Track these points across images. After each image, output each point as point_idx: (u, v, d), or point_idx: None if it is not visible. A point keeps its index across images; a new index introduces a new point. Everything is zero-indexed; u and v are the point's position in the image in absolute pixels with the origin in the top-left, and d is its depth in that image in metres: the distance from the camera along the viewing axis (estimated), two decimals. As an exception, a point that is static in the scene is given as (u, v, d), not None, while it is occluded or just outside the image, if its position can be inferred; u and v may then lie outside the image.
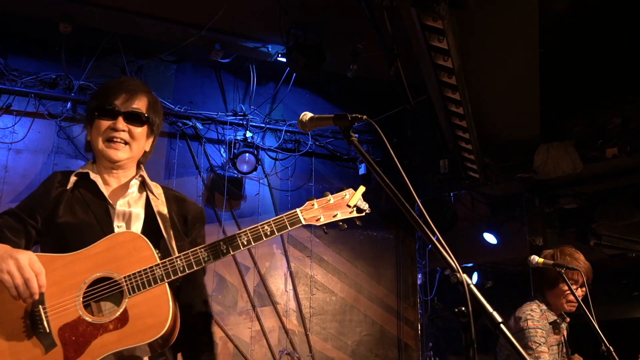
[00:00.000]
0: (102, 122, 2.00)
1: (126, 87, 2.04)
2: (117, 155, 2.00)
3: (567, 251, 3.26)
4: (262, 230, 1.90)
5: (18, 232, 1.89)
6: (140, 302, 1.80)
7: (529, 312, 3.19)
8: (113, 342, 1.76)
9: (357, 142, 1.62)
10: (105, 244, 1.85)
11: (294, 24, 5.00)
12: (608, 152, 5.13)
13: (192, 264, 1.84)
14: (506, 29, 4.06)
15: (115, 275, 1.81)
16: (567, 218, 6.69)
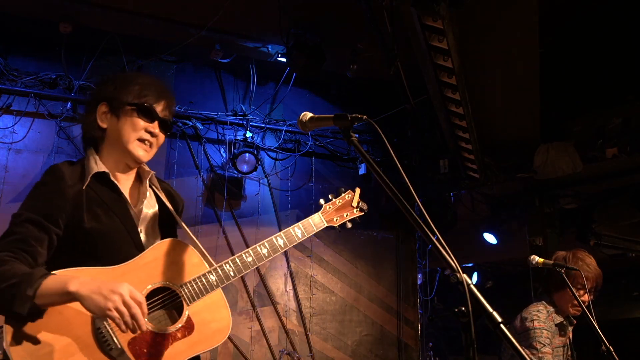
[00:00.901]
0: (139, 121, 1.93)
1: (166, 94, 2.01)
2: (145, 157, 1.96)
3: (579, 255, 3.24)
4: (294, 233, 2.09)
5: (43, 243, 1.74)
6: (201, 309, 1.83)
7: (535, 312, 3.17)
8: (184, 350, 1.77)
9: (357, 142, 1.62)
10: (153, 254, 1.83)
11: (294, 24, 5.00)
12: (608, 152, 5.13)
13: (240, 269, 1.92)
14: (506, 29, 4.06)
15: (172, 285, 1.81)
16: (567, 218, 6.69)
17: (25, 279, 1.60)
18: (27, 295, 1.57)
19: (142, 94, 1.94)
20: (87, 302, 1.59)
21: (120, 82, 1.97)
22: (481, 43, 4.24)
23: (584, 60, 5.16)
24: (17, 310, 1.56)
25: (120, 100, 1.92)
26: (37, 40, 5.26)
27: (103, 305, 1.57)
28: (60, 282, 1.61)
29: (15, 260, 1.66)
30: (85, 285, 1.60)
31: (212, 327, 1.83)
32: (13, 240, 1.70)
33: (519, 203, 6.65)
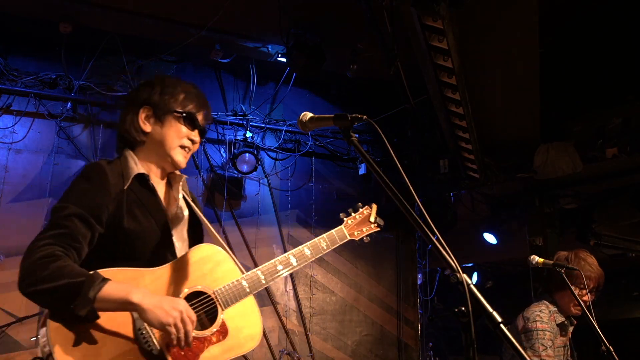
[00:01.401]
0: (183, 128, 1.97)
1: (206, 104, 2.06)
2: (183, 163, 2.00)
3: (581, 255, 3.24)
4: (320, 245, 2.13)
5: (87, 240, 1.74)
6: (235, 315, 1.87)
7: (537, 312, 3.15)
8: (219, 354, 1.80)
9: (357, 142, 1.62)
10: (190, 258, 1.86)
11: (294, 24, 5.00)
12: (608, 152, 5.13)
13: (271, 275, 1.96)
14: (506, 29, 4.06)
15: (208, 290, 1.84)
16: (567, 218, 6.69)
17: (88, 280, 1.59)
18: (89, 297, 1.57)
19: (186, 102, 1.99)
20: (147, 314, 1.62)
21: (164, 88, 1.99)
22: (481, 43, 4.24)
23: (584, 60, 5.16)
24: (77, 310, 1.56)
25: (166, 107, 1.96)
26: (37, 40, 5.27)
27: (164, 320, 1.62)
28: (121, 290, 1.63)
29: (66, 256, 1.65)
30: (147, 298, 1.63)
31: (244, 332, 1.88)
32: (62, 234, 1.70)
33: (519, 203, 6.65)
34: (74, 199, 1.76)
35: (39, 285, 1.58)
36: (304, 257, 2.06)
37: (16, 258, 4.72)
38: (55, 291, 1.57)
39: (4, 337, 4.47)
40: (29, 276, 1.60)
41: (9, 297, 4.60)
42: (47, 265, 1.59)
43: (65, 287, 1.57)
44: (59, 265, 1.61)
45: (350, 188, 6.34)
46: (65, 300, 1.56)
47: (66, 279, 1.58)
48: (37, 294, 1.59)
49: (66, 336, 1.59)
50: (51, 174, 5.04)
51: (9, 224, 4.79)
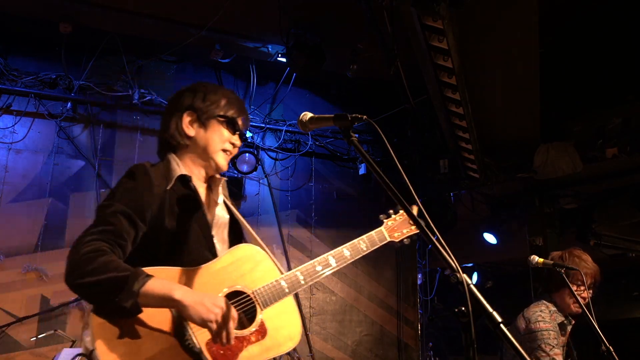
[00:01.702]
0: (225, 132, 2.04)
1: (245, 109, 2.13)
2: (226, 167, 2.08)
3: (576, 252, 3.25)
4: (359, 246, 2.13)
5: (131, 238, 1.77)
6: (274, 315, 1.87)
7: (539, 312, 3.15)
8: (258, 354, 1.80)
9: (357, 142, 1.62)
10: (229, 258, 1.88)
11: (294, 24, 5.00)
12: (608, 152, 5.13)
13: (310, 276, 1.98)
14: (506, 29, 4.06)
15: (247, 290, 1.85)
16: (567, 218, 6.69)
17: (132, 274, 1.62)
18: (134, 290, 1.60)
19: (228, 107, 2.05)
20: (189, 311, 1.64)
21: (207, 94, 2.05)
22: (481, 43, 4.24)
23: (584, 60, 5.16)
24: (122, 303, 1.58)
25: (209, 112, 2.02)
26: (37, 40, 5.27)
27: (205, 316, 1.64)
28: (164, 286, 1.65)
29: (112, 252, 1.69)
30: (189, 295, 1.66)
31: (283, 333, 1.88)
32: (108, 231, 1.72)
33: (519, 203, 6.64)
34: (120, 197, 1.80)
35: (86, 278, 1.61)
36: (343, 258, 2.08)
37: (16, 258, 4.73)
38: (101, 284, 1.60)
39: (4, 337, 4.47)
40: (76, 269, 1.63)
41: (9, 297, 4.60)
42: (94, 260, 1.63)
43: (110, 280, 1.60)
44: (105, 260, 1.64)
45: (350, 188, 6.34)
46: (110, 293, 1.60)
47: (112, 272, 1.62)
48: (83, 286, 1.62)
49: (109, 331, 1.62)
50: (51, 174, 5.04)
51: (9, 224, 4.79)
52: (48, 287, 4.75)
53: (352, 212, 6.24)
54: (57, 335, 4.59)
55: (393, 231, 2.27)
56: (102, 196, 5.16)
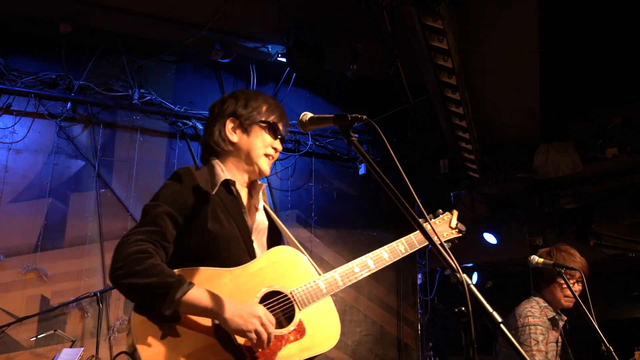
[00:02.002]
0: (267, 137, 2.09)
1: (286, 115, 2.18)
2: (268, 171, 2.11)
3: (563, 248, 3.32)
4: (397, 249, 2.21)
5: (173, 238, 1.82)
6: (312, 315, 1.90)
7: (529, 308, 3.23)
8: (296, 353, 1.82)
9: (357, 142, 1.62)
10: (267, 259, 1.92)
11: (294, 24, 5.00)
12: (608, 152, 5.13)
13: (348, 277, 2.04)
14: (506, 29, 4.06)
15: (284, 290, 1.88)
16: (567, 218, 6.69)
17: (176, 282, 1.66)
18: (176, 299, 1.63)
19: (269, 113, 2.11)
20: (228, 323, 1.69)
21: (248, 100, 2.11)
22: (481, 43, 4.24)
23: (584, 60, 5.16)
24: (163, 310, 1.63)
25: (251, 117, 2.08)
26: (37, 40, 5.27)
27: (244, 327, 1.69)
28: (204, 297, 1.68)
29: (157, 255, 1.73)
30: (227, 308, 1.69)
31: (322, 333, 1.90)
32: (155, 232, 1.76)
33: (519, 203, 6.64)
34: (166, 198, 1.84)
35: (132, 278, 1.64)
36: (381, 260, 2.14)
37: (16, 258, 4.73)
38: (146, 288, 1.64)
39: (4, 337, 4.47)
40: (123, 268, 1.66)
41: (8, 297, 4.60)
42: (142, 261, 1.67)
43: (155, 285, 1.64)
44: (153, 263, 1.68)
45: (350, 188, 6.34)
46: (154, 297, 1.64)
47: (158, 277, 1.65)
48: (128, 286, 1.66)
49: (149, 329, 1.65)
50: (51, 174, 5.04)
51: (9, 224, 4.79)
52: (48, 287, 4.75)
53: (352, 212, 6.24)
54: (57, 335, 4.59)
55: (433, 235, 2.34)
56: (102, 196, 5.16)
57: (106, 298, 4.78)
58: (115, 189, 5.23)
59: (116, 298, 4.93)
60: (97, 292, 4.37)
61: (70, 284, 4.84)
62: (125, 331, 4.83)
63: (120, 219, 5.17)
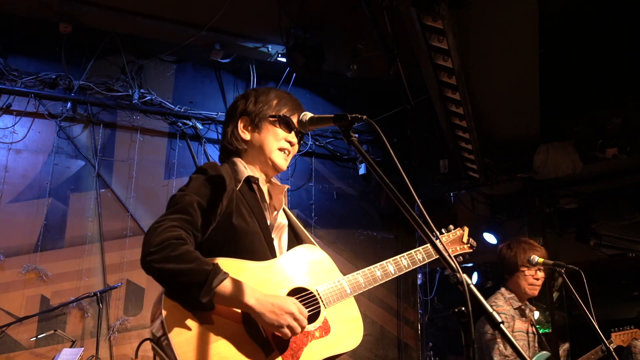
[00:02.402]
0: (280, 131, 2.08)
1: (300, 107, 2.14)
2: (284, 165, 2.14)
3: (522, 239, 3.51)
4: (416, 257, 2.24)
5: (202, 230, 1.80)
6: (337, 313, 1.92)
7: (493, 300, 3.39)
8: (321, 350, 1.84)
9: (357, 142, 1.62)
10: (291, 257, 1.94)
11: (294, 24, 5.00)
12: (608, 152, 5.13)
13: (370, 281, 2.09)
14: (506, 29, 4.05)
15: (310, 287, 1.90)
16: (567, 218, 6.68)
17: (213, 270, 1.64)
18: (212, 287, 1.61)
19: (280, 107, 2.10)
20: (260, 317, 1.69)
21: (258, 97, 2.11)
22: (481, 43, 4.24)
23: (584, 60, 5.16)
24: (201, 297, 1.60)
25: (261, 113, 2.08)
26: (37, 40, 5.27)
27: (276, 323, 1.69)
28: (238, 289, 1.67)
29: (189, 242, 1.71)
30: (261, 302, 1.69)
31: (346, 331, 1.92)
32: (187, 220, 1.74)
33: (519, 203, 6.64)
34: (195, 190, 1.83)
35: (168, 263, 1.61)
36: (400, 268, 2.20)
37: (16, 258, 4.73)
38: (183, 274, 1.61)
39: (3, 337, 4.47)
40: (158, 252, 1.62)
41: (8, 297, 4.60)
42: (177, 247, 1.64)
43: (193, 272, 1.61)
44: (188, 250, 1.66)
45: (350, 188, 6.34)
46: (190, 284, 1.61)
47: (194, 264, 1.63)
48: (163, 272, 1.62)
49: (181, 314, 1.63)
50: (51, 174, 5.04)
51: (9, 224, 4.79)
52: (48, 287, 4.75)
53: (352, 212, 6.24)
54: (56, 335, 4.59)
55: (448, 247, 2.45)
56: (102, 196, 5.16)
57: (106, 298, 4.79)
58: (115, 188, 5.23)
59: (116, 298, 4.93)
60: (97, 292, 4.38)
61: (70, 284, 4.84)
62: (125, 331, 4.85)
63: (120, 219, 5.17)
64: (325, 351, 1.84)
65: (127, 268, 5.04)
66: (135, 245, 5.13)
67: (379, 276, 2.11)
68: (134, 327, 4.91)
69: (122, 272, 5.00)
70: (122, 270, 5.01)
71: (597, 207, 6.40)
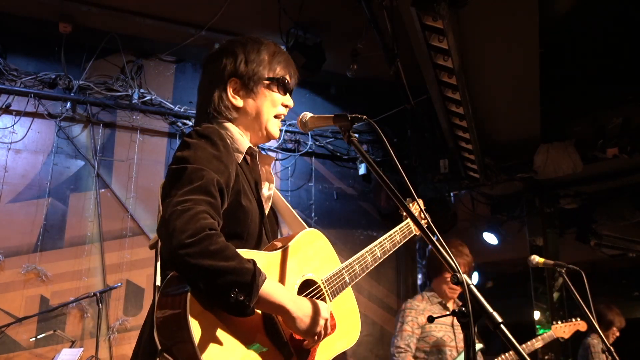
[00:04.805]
0: (276, 95, 1.82)
1: (292, 62, 1.88)
2: (278, 134, 1.85)
3: (454, 243, 3.78)
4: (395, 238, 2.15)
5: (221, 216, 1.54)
6: (339, 306, 1.83)
7: (411, 299, 3.78)
8: (331, 347, 1.76)
9: (357, 142, 1.62)
10: (300, 243, 1.77)
11: (294, 24, 5.00)
12: (608, 152, 5.13)
13: (364, 268, 1.98)
14: (506, 29, 4.05)
15: (317, 279, 1.77)
16: (567, 218, 6.69)
17: (257, 269, 1.43)
18: (259, 289, 1.41)
19: (274, 65, 1.82)
20: (296, 322, 1.53)
21: (248, 55, 1.81)
22: (481, 43, 4.24)
23: (585, 59, 5.16)
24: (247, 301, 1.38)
25: (256, 76, 1.79)
26: (36, 39, 5.26)
27: (311, 330, 1.56)
28: (278, 292, 1.50)
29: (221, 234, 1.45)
30: (298, 305, 1.53)
31: (348, 325, 1.84)
32: (211, 204, 1.46)
33: (519, 203, 6.64)
34: (208, 164, 1.52)
35: (208, 260, 1.34)
36: (385, 251, 2.09)
37: (16, 258, 4.72)
38: (226, 272, 1.36)
39: (3, 337, 4.46)
40: (195, 245, 1.34)
41: (8, 297, 4.60)
42: (216, 239, 1.38)
43: (236, 271, 1.37)
44: (226, 243, 1.41)
45: (350, 188, 6.33)
46: (234, 285, 1.37)
47: (236, 261, 1.39)
48: (202, 268, 1.35)
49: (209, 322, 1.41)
50: (50, 174, 5.04)
51: (8, 224, 4.79)
52: (47, 287, 4.75)
53: (352, 212, 6.24)
54: (56, 336, 4.59)
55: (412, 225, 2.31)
56: (101, 196, 5.15)
57: (106, 298, 4.78)
58: (115, 189, 5.22)
59: (116, 298, 4.92)
60: (97, 292, 4.38)
61: (69, 284, 4.83)
62: (124, 331, 4.84)
63: (120, 219, 5.17)
64: (335, 349, 1.76)
65: (126, 268, 5.03)
66: (135, 245, 5.12)
67: (369, 261, 2.00)
68: (134, 328, 4.90)
69: (121, 272, 5.00)
70: (121, 271, 5.00)
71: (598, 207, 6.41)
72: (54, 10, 4.88)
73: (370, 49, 4.94)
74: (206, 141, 1.59)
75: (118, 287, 4.68)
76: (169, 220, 1.37)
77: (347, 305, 1.88)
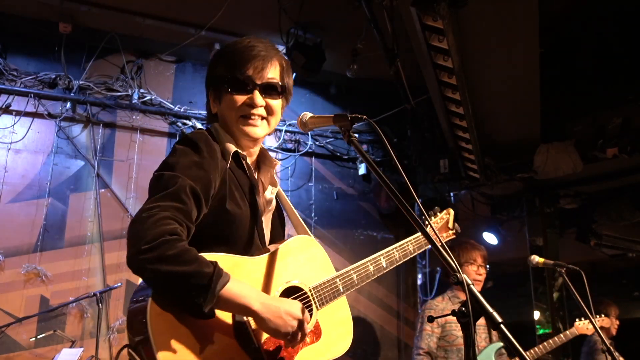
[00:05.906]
0: (236, 97, 1.73)
1: (257, 52, 1.75)
2: (256, 133, 1.76)
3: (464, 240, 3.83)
4: (407, 248, 2.06)
5: (194, 218, 1.53)
6: (327, 315, 1.77)
7: (431, 301, 3.86)
8: (313, 357, 1.71)
9: (357, 142, 1.61)
10: (288, 249, 1.75)
11: (294, 24, 5.00)
12: (608, 152, 5.13)
13: (363, 278, 1.88)
14: (506, 29, 4.05)
15: (304, 287, 1.73)
16: (567, 218, 6.69)
17: (216, 272, 1.42)
18: (216, 293, 1.40)
19: (231, 64, 1.75)
20: (265, 323, 1.50)
21: (214, 62, 1.82)
22: (481, 43, 4.24)
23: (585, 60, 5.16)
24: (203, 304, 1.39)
25: (217, 82, 1.78)
26: (36, 40, 5.26)
27: (283, 330, 1.52)
28: (243, 292, 1.48)
29: (184, 237, 1.46)
30: (267, 307, 1.50)
31: (336, 335, 1.79)
32: (180, 210, 1.47)
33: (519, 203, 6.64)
34: (186, 171, 1.54)
35: (164, 265, 1.36)
36: (392, 261, 1.99)
37: (16, 258, 4.72)
38: (182, 277, 1.37)
39: (3, 337, 4.46)
40: (152, 250, 1.36)
41: (8, 297, 4.60)
42: (174, 244, 1.39)
43: (193, 275, 1.38)
44: (186, 248, 1.41)
45: (350, 188, 6.33)
46: (190, 289, 1.38)
47: (195, 265, 1.39)
48: (158, 273, 1.37)
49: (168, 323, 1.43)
50: (50, 174, 5.04)
51: (8, 224, 4.79)
52: (47, 288, 4.75)
53: (352, 212, 6.23)
54: (56, 336, 4.59)
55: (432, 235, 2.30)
56: (101, 196, 5.15)
57: (105, 298, 4.78)
58: (115, 189, 5.22)
59: (115, 298, 4.92)
60: (97, 292, 4.37)
61: (69, 284, 4.83)
62: (124, 331, 4.83)
63: (120, 219, 5.16)
64: (315, 358, 1.71)
65: (126, 268, 4.97)
66: (135, 246, 5.12)
67: (371, 271, 1.90)
68: (134, 327, 4.91)
69: (121, 272, 5.00)
70: (121, 271, 5.00)
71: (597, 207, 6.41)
72: (54, 10, 4.88)
73: (370, 49, 4.94)
74: (191, 148, 1.61)
75: (118, 287, 4.68)
76: (131, 226, 1.43)
77: (339, 315, 1.82)
